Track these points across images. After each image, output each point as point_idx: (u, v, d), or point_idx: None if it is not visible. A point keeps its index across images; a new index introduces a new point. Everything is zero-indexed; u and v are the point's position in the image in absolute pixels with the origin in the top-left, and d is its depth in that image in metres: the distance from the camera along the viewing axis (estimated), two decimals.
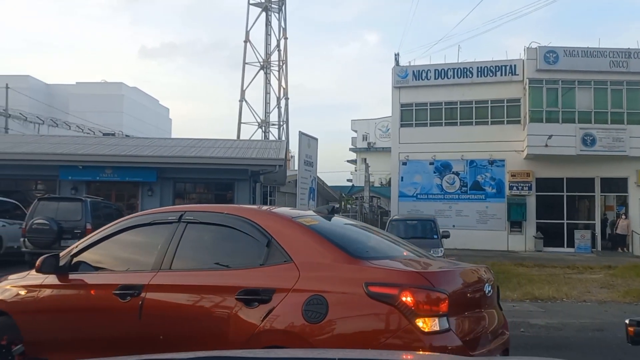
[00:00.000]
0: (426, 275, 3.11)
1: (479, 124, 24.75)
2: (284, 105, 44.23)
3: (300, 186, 13.09)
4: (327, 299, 2.95)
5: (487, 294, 3.48)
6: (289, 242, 3.31)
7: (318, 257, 3.22)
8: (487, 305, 3.51)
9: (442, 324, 2.92)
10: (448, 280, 3.24)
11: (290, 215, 3.67)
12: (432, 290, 2.96)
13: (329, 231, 3.55)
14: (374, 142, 63.47)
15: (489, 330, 3.44)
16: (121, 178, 18.45)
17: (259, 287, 3.15)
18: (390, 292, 2.91)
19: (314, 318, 2.94)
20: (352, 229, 4.15)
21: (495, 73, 24.57)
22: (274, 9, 44.33)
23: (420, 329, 2.85)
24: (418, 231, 14.39)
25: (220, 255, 3.69)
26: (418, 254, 3.90)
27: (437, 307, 2.93)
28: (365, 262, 3.20)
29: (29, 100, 34.03)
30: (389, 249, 3.88)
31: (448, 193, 24.65)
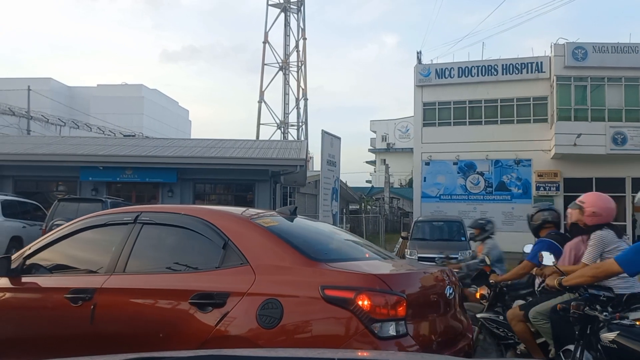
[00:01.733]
0: (384, 278, 3.00)
1: (504, 122, 24.10)
2: (303, 106, 44.04)
3: (323, 186, 12.72)
4: (282, 303, 2.87)
5: (449, 296, 3.40)
6: (245, 244, 3.21)
7: (275, 259, 3.12)
8: (448, 309, 3.44)
9: (399, 329, 2.86)
10: (407, 283, 3.17)
11: (249, 216, 3.57)
12: (389, 294, 2.88)
13: (289, 233, 3.44)
14: (394, 143, 62.87)
15: (451, 333, 3.38)
16: (141, 179, 18.30)
17: (213, 291, 3.04)
18: (346, 295, 2.83)
19: (268, 323, 2.85)
20: (314, 230, 4.00)
21: (521, 70, 23.90)
22: (292, 9, 44.16)
23: (376, 334, 2.78)
24: (445, 233, 13.93)
25: (175, 257, 3.54)
26: (383, 256, 3.85)
27: (395, 311, 2.86)
28: (323, 264, 3.09)
29: (51, 102, 34.35)
30: (352, 251, 3.80)
31: (472, 194, 24.04)
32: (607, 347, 3.11)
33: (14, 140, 21.90)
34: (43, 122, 31.55)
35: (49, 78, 40.06)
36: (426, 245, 13.03)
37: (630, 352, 2.96)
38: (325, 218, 12.66)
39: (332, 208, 13.15)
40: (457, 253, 12.55)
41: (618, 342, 3.05)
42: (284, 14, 43.78)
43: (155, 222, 3.62)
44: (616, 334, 3.08)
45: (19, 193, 15.94)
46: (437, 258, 8.71)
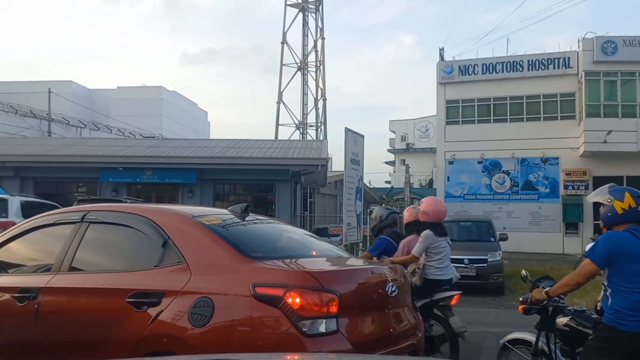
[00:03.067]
0: (316, 275, 2.96)
1: (530, 120, 23.47)
2: (322, 106, 43.75)
3: (347, 186, 12.30)
4: (214, 301, 2.87)
5: (391, 294, 3.35)
6: (183, 242, 3.21)
7: (211, 257, 3.13)
8: (391, 306, 3.39)
9: (329, 326, 2.85)
10: (341, 280, 3.14)
11: (191, 214, 3.52)
12: (320, 291, 2.87)
13: (230, 231, 3.45)
14: (413, 143, 62.21)
15: (394, 331, 3.34)
16: (161, 180, 18.11)
17: (149, 290, 3.04)
18: (275, 293, 2.82)
19: (199, 321, 2.85)
20: (260, 228, 3.97)
21: (547, 66, 23.24)
22: (310, 9, 43.91)
23: (303, 331, 2.76)
24: (473, 233, 13.41)
25: (118, 256, 3.59)
26: (332, 254, 3.87)
27: (326, 308, 2.85)
28: (258, 262, 3.09)
29: (71, 104, 34.53)
30: (296, 249, 3.79)
31: (498, 193, 23.43)
32: (561, 330, 3.80)
33: (34, 142, 21.94)
34: (64, 125, 31.72)
35: (70, 81, 40.32)
36: (454, 247, 12.43)
37: (581, 333, 3.63)
38: (349, 218, 12.27)
39: (355, 208, 12.72)
40: (487, 254, 12.10)
41: (570, 325, 3.74)
42: (302, 14, 43.57)
43: (101, 221, 3.65)
44: (569, 318, 3.77)
45: (40, 194, 15.87)
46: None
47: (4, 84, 34.89)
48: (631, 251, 3.24)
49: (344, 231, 12.24)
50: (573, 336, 3.71)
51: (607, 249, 3.27)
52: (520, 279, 4.26)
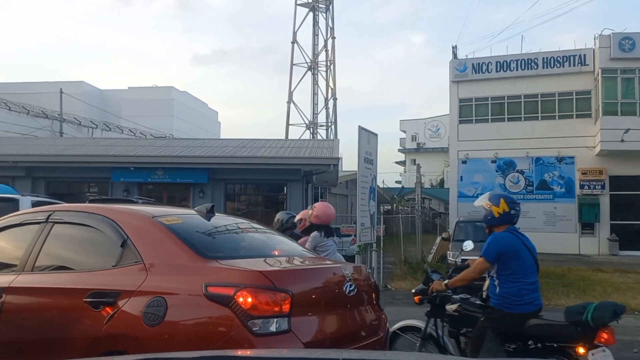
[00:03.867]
0: (268, 275, 2.99)
1: (545, 118, 23.09)
2: (332, 105, 43.58)
3: (361, 185, 12.07)
4: (167, 301, 2.90)
5: (349, 293, 3.35)
6: (141, 242, 3.25)
7: (167, 257, 3.16)
8: (350, 305, 3.41)
9: (281, 325, 2.86)
10: (294, 280, 3.17)
11: (151, 214, 3.54)
12: (272, 290, 2.89)
13: (189, 231, 3.44)
14: (424, 143, 61.89)
15: (353, 330, 3.37)
16: (172, 179, 18.01)
17: (106, 289, 3.09)
18: (226, 292, 2.85)
19: (152, 321, 2.88)
20: (223, 228, 3.93)
21: (562, 64, 22.85)
22: (321, 8, 43.78)
23: (252, 331, 2.78)
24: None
25: (80, 256, 3.64)
26: (295, 253, 3.91)
27: (278, 308, 2.87)
28: (213, 262, 3.10)
29: (83, 105, 34.63)
30: (257, 248, 3.83)
31: (512, 193, 22.98)
32: (450, 315, 4.39)
33: (46, 142, 21.97)
34: (75, 125, 31.80)
35: (81, 81, 40.46)
36: None
37: (469, 316, 4.26)
38: (363, 218, 12.05)
39: (369, 208, 12.50)
40: None
41: (459, 310, 4.34)
42: (313, 13, 43.46)
43: (65, 221, 3.69)
44: (457, 305, 4.36)
45: (51, 194, 15.79)
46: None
47: (16, 84, 35.09)
48: (515, 249, 4.01)
49: (358, 231, 12.02)
50: (460, 320, 4.34)
51: (498, 249, 3.98)
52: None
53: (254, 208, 19.72)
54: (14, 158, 17.64)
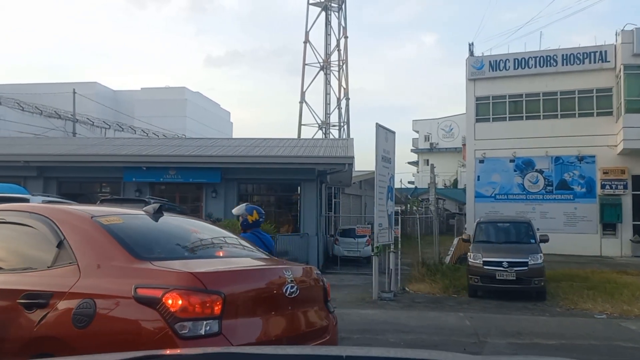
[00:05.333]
0: (200, 276, 2.93)
1: (564, 116, 22.53)
2: (344, 105, 43.24)
3: (378, 185, 11.68)
4: (97, 303, 2.87)
5: (289, 295, 3.30)
6: (77, 243, 3.23)
7: (101, 258, 3.13)
8: (291, 307, 3.35)
9: (211, 328, 2.82)
10: (228, 281, 3.09)
11: (91, 214, 3.50)
12: (203, 292, 2.85)
13: (128, 231, 3.40)
14: (437, 143, 61.31)
15: (295, 333, 3.33)
16: (185, 179, 17.76)
17: (40, 291, 3.05)
18: (154, 294, 2.81)
19: (80, 323, 2.85)
20: (170, 228, 3.89)
21: (582, 60, 22.28)
22: (333, 8, 43.48)
23: (179, 334, 2.74)
24: (512, 235, 12.70)
25: (18, 256, 3.60)
26: (241, 254, 3.88)
27: (209, 310, 2.83)
28: (147, 263, 3.05)
29: (96, 105, 34.65)
30: (198, 249, 3.73)
31: (531, 193, 22.53)
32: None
33: (58, 142, 21.87)
34: (88, 125, 31.81)
35: (94, 82, 40.56)
36: (492, 249, 11.88)
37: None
38: (381, 219, 11.66)
39: (387, 208, 12.11)
40: (527, 257, 11.42)
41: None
42: (325, 13, 43.17)
43: (6, 221, 3.65)
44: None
45: (63, 194, 15.61)
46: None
47: (30, 85, 35.18)
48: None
49: (376, 232, 11.63)
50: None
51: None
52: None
53: (267, 208, 19.40)
54: (25, 158, 17.50)
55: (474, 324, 8.02)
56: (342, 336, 6.91)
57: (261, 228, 6.22)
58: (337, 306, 9.73)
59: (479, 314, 9.22)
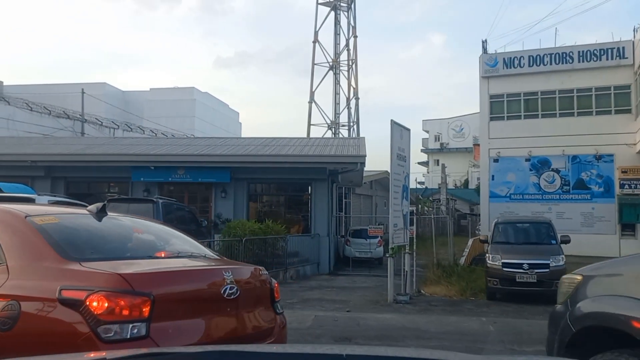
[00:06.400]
0: (128, 278, 2.87)
1: (581, 114, 21.99)
2: (354, 105, 42.88)
3: (393, 184, 11.29)
4: (21, 305, 2.82)
5: (228, 296, 3.26)
6: (7, 243, 3.16)
7: (31, 259, 3.09)
8: (230, 309, 3.31)
9: (138, 331, 2.76)
10: (159, 283, 3.02)
11: (25, 213, 3.42)
12: (130, 294, 2.80)
13: (62, 232, 3.34)
14: (447, 143, 60.78)
15: (234, 334, 3.29)
16: (194, 179, 17.45)
17: None
18: (78, 296, 2.76)
19: (5, 325, 2.80)
20: (109, 228, 3.79)
21: (599, 57, 21.73)
22: (342, 7, 43.14)
23: (101, 337, 2.68)
24: (532, 236, 12.24)
25: None
26: (185, 255, 3.80)
27: (137, 312, 2.78)
28: (76, 264, 2.99)
29: (105, 106, 34.53)
30: (136, 249, 3.67)
31: (547, 193, 22.00)
32: None
33: (66, 142, 21.68)
34: (97, 125, 31.65)
35: (104, 83, 40.47)
36: (511, 250, 11.45)
37: None
38: (396, 219, 11.27)
39: (402, 208, 11.71)
40: (549, 259, 10.98)
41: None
42: (334, 12, 42.85)
43: None
44: None
45: (71, 194, 15.37)
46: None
47: (39, 86, 35.11)
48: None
49: (391, 232, 11.24)
50: None
51: None
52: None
53: (277, 208, 19.08)
54: (32, 157, 17.28)
55: (498, 330, 7.61)
56: (359, 342, 6.57)
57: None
58: (352, 309, 9.44)
59: (502, 318, 8.81)
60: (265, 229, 14.34)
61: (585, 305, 3.05)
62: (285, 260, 14.78)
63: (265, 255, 13.96)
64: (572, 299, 3.26)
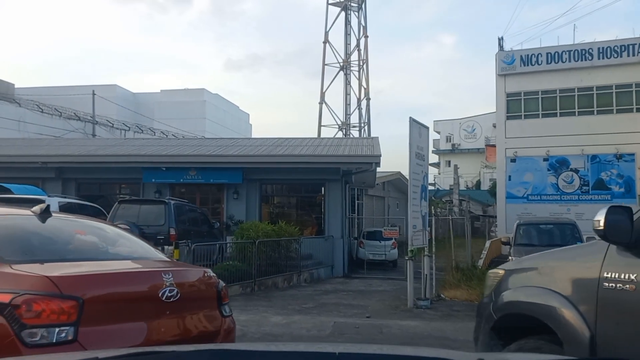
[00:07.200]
0: (56, 281, 2.82)
1: (601, 113, 21.43)
2: (365, 106, 42.52)
3: (412, 184, 10.89)
4: None
5: (167, 299, 3.22)
6: None
7: None
8: (170, 312, 3.26)
9: (65, 335, 2.72)
10: (89, 285, 2.99)
11: None
12: (58, 297, 2.76)
13: (5, 233, 3.38)
14: (459, 144, 60.21)
15: (174, 338, 3.22)
16: (205, 180, 17.15)
17: None
18: (3, 299, 2.71)
19: None
20: (49, 230, 3.69)
21: (620, 54, 21.18)
22: (353, 7, 42.83)
23: (25, 342, 2.64)
24: (556, 237, 11.80)
25: None
26: (131, 257, 3.79)
27: (65, 316, 2.74)
28: (6, 266, 2.92)
29: (116, 108, 34.48)
30: (77, 252, 3.63)
31: (565, 193, 21.46)
32: None
33: (76, 143, 21.50)
34: (108, 127, 31.57)
35: (114, 85, 40.47)
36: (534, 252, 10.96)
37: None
38: (415, 220, 10.87)
39: (421, 208, 11.30)
40: None
41: None
42: (345, 13, 42.55)
43: None
44: None
45: (82, 196, 15.17)
46: None
47: (50, 88, 35.12)
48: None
49: (409, 234, 10.83)
50: None
51: None
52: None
53: (289, 210, 18.74)
54: (43, 159, 17.07)
55: None
56: None
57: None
58: (372, 315, 9.05)
59: None
60: (279, 231, 14.00)
61: (505, 295, 3.36)
62: (299, 263, 14.43)
63: (279, 258, 13.63)
64: (496, 291, 3.51)
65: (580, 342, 2.68)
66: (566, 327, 2.81)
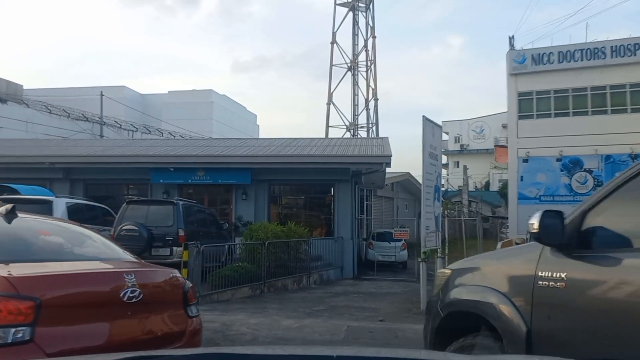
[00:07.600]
0: (12, 281, 2.83)
1: (615, 112, 21.05)
2: (373, 106, 42.29)
3: (426, 184, 10.68)
4: None
5: (129, 300, 3.23)
6: None
7: None
8: (132, 312, 3.27)
9: (22, 335, 2.72)
10: (46, 286, 2.99)
11: None
12: (13, 297, 2.76)
13: None
14: (467, 144, 59.78)
15: (136, 339, 3.23)
16: (214, 180, 16.99)
17: None
18: None
19: None
20: (13, 230, 3.65)
21: (634, 52, 20.79)
22: (361, 7, 42.63)
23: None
24: None
25: None
26: (96, 257, 3.79)
27: (22, 317, 2.74)
28: None
29: (124, 109, 34.49)
30: (38, 252, 3.62)
31: (579, 194, 21.05)
32: None
33: (84, 144, 21.43)
34: (116, 128, 31.55)
35: (123, 86, 40.52)
36: None
37: None
38: (428, 221, 10.64)
39: (434, 209, 11.07)
40: None
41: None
42: (352, 13, 42.37)
43: None
44: None
45: (90, 197, 15.06)
46: None
47: (59, 89, 35.18)
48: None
49: (422, 235, 10.60)
50: None
51: None
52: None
53: (298, 211, 18.54)
54: (51, 159, 16.99)
55: None
56: None
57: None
58: (385, 318, 8.81)
59: None
60: (288, 232, 13.80)
61: (450, 294, 3.49)
62: (309, 265, 14.22)
63: (289, 259, 13.43)
64: (443, 289, 3.64)
65: (517, 337, 2.83)
66: (505, 322, 2.96)
